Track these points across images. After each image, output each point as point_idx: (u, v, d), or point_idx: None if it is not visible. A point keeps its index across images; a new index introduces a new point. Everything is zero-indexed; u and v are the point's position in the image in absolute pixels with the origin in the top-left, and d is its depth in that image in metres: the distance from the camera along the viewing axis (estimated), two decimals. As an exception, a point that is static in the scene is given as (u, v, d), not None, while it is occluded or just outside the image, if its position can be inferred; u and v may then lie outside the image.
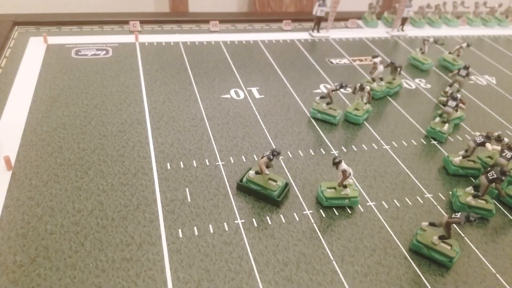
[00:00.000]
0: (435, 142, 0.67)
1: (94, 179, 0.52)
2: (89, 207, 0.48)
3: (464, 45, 0.88)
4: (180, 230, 0.47)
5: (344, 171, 0.50)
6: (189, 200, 0.51)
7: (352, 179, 0.55)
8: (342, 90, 0.68)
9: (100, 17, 0.91)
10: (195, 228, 0.47)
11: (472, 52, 1.01)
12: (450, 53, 0.91)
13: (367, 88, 0.68)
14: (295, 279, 0.43)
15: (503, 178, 0.51)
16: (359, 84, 0.68)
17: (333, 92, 0.67)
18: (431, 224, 0.48)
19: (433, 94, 0.80)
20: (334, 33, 1.00)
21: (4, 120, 0.60)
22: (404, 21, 1.03)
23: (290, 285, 0.42)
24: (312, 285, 0.43)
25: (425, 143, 0.67)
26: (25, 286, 0.39)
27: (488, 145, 0.58)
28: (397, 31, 1.04)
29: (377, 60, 0.75)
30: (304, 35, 0.98)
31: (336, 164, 0.50)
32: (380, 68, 0.75)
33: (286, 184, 0.53)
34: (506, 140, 0.59)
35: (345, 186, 0.52)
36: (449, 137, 0.69)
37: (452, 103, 0.66)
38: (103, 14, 0.93)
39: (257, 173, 0.52)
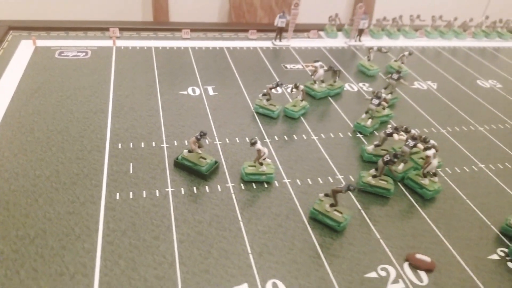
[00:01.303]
0: (360, 136, 0.77)
1: (56, 154, 0.63)
2: (47, 173, 0.59)
3: (407, 53, 0.99)
4: (118, 193, 0.57)
5: (258, 150, 0.61)
6: (131, 172, 0.61)
7: (269, 160, 0.65)
8: (278, 88, 0.79)
9: (85, 24, 1.04)
10: (131, 193, 0.58)
11: (422, 60, 1.11)
12: (395, 60, 1.01)
13: (301, 87, 0.78)
14: (204, 233, 0.53)
15: (395, 160, 0.61)
16: (294, 84, 0.79)
17: (271, 90, 0.78)
18: (326, 195, 0.58)
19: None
20: (294, 42, 1.11)
21: (-11, 106, 0.72)
22: (360, 32, 1.13)
23: (199, 237, 0.53)
24: (218, 238, 0.53)
25: (350, 136, 0.76)
26: None
27: (395, 135, 0.68)
28: (355, 41, 1.14)
29: (317, 64, 0.85)
30: (267, 44, 1.09)
31: (252, 144, 0.60)
32: (321, 71, 0.85)
33: (216, 162, 0.64)
34: (412, 131, 0.69)
35: (261, 164, 0.62)
36: (375, 131, 0.78)
37: (375, 101, 0.77)
38: (88, 21, 1.06)
39: (189, 151, 0.63)
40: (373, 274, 0.51)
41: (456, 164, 0.72)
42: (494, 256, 0.55)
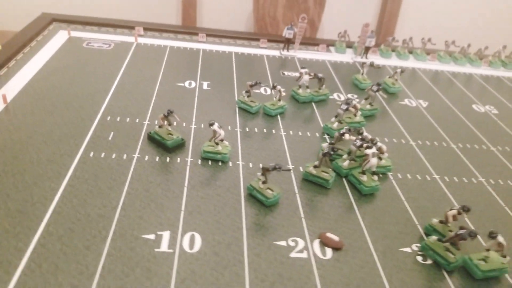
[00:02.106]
0: (327, 137, 0.84)
1: (55, 118, 0.76)
2: (43, 130, 0.72)
3: (399, 71, 1.04)
4: (93, 152, 0.69)
5: (214, 131, 0.70)
6: (110, 138, 0.73)
7: (227, 142, 0.74)
8: (257, 86, 0.88)
9: (116, 22, 1.19)
10: (103, 153, 0.69)
11: (423, 81, 1.14)
12: (389, 77, 1.07)
13: (279, 87, 0.87)
14: (150, 191, 0.63)
15: (332, 153, 0.68)
16: (272, 84, 0.87)
17: (251, 87, 0.87)
18: (262, 174, 0.66)
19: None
20: (302, 54, 1.19)
21: (16, 77, 0.87)
22: (367, 49, 1.20)
23: (145, 193, 0.63)
24: (160, 196, 0.62)
25: (318, 136, 0.84)
26: None
27: (346, 135, 0.74)
28: (361, 58, 1.21)
29: (303, 70, 0.93)
30: (275, 53, 1.19)
31: (210, 125, 0.70)
32: (305, 77, 0.93)
33: (182, 139, 0.74)
34: (365, 134, 0.75)
35: (217, 144, 0.71)
36: (343, 135, 0.85)
37: (344, 106, 0.83)
38: (118, 20, 1.21)
39: (160, 127, 0.74)
40: (282, 243, 0.58)
41: (410, 172, 0.77)
42: (407, 249, 0.60)
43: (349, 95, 1.01)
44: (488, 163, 0.83)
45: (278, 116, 0.88)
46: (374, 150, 0.69)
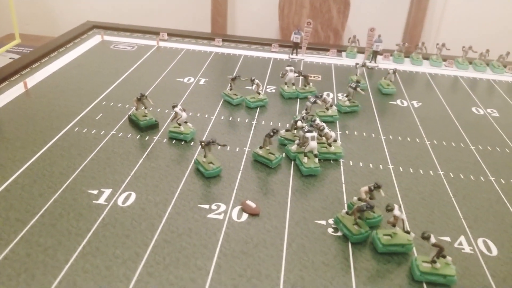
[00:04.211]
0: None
1: (62, 101, 0.91)
2: (47, 108, 0.87)
3: (391, 71, 1.06)
4: (77, 128, 0.82)
5: (176, 113, 0.80)
6: (97, 118, 0.86)
7: (191, 125, 0.83)
8: (237, 79, 0.96)
9: (146, 28, 1.35)
10: (86, 129, 0.82)
11: (427, 85, 1.14)
12: (384, 78, 1.09)
13: (256, 81, 0.94)
14: (110, 159, 0.74)
15: (272, 134, 0.74)
16: (250, 78, 0.95)
17: (232, 81, 0.96)
18: (202, 148, 0.73)
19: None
20: (310, 58, 1.25)
21: (44, 69, 1.06)
22: (375, 54, 1.22)
23: (105, 160, 0.74)
24: (118, 163, 0.73)
25: (287, 126, 0.89)
26: None
27: (299, 122, 0.80)
28: (369, 62, 1.23)
29: (288, 68, 1.00)
30: (284, 56, 1.26)
31: (172, 107, 0.80)
32: (290, 74, 1.00)
33: (155, 121, 0.85)
34: (317, 122, 0.80)
35: (179, 124, 0.81)
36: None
37: (312, 99, 0.89)
38: (148, 27, 1.37)
39: (136, 109, 0.85)
40: (205, 206, 0.65)
41: (365, 161, 0.80)
42: (322, 222, 0.64)
43: (339, 94, 1.05)
44: (455, 159, 0.82)
45: (258, 108, 0.96)
46: (313, 134, 0.73)
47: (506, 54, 1.24)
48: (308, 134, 0.73)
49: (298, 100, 1.01)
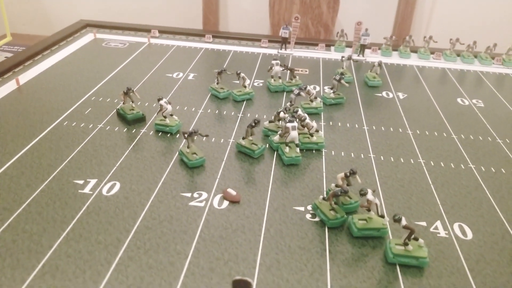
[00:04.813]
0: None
1: (54, 97, 0.94)
2: (44, 98, 0.90)
3: (377, 63, 1.07)
4: (67, 121, 0.85)
5: (161, 105, 0.82)
6: (86, 113, 0.88)
7: (176, 117, 0.85)
8: (223, 73, 0.98)
9: (138, 26, 1.37)
10: (75, 122, 0.84)
11: (414, 78, 1.16)
12: (370, 71, 1.10)
13: (242, 74, 0.96)
14: (97, 151, 0.76)
15: (253, 124, 0.76)
16: (235, 71, 0.97)
17: (218, 75, 0.97)
18: (185, 139, 0.75)
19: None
20: (299, 53, 1.27)
21: (36, 66, 1.08)
22: (363, 48, 1.24)
23: (92, 152, 0.76)
24: (104, 155, 0.75)
25: (271, 118, 0.91)
26: None
27: (281, 113, 0.82)
28: (357, 56, 1.25)
29: (274, 62, 1.02)
30: (274, 52, 1.28)
31: (158, 100, 0.82)
32: (276, 68, 1.02)
33: (142, 115, 0.87)
34: (300, 113, 0.81)
35: (165, 117, 0.83)
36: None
37: (296, 91, 0.90)
38: (140, 24, 1.39)
39: (123, 103, 0.87)
40: (187, 194, 0.67)
41: (347, 151, 0.81)
42: (300, 208, 0.66)
43: (326, 87, 1.07)
44: (437, 148, 0.84)
45: (245, 102, 0.97)
46: (294, 124, 0.75)
47: (493, 46, 1.25)
48: (289, 124, 0.75)
49: (285, 93, 1.03)
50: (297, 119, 0.79)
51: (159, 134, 0.83)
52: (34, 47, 1.16)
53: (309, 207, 0.66)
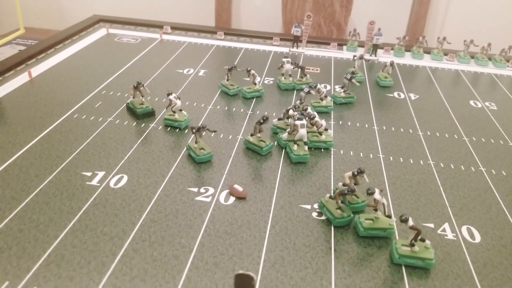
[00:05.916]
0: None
1: (60, 88, 0.94)
2: (46, 89, 0.90)
3: (389, 63, 1.07)
4: (77, 114, 0.85)
5: (170, 100, 0.82)
6: (96, 106, 0.89)
7: (185, 112, 0.85)
8: (233, 70, 0.97)
9: (151, 22, 1.38)
10: (85, 115, 0.85)
11: (427, 79, 1.14)
12: (382, 71, 1.09)
13: (252, 71, 0.96)
14: (106, 144, 0.77)
15: (262, 121, 0.75)
16: (246, 68, 0.97)
17: (228, 71, 0.97)
18: (193, 134, 0.75)
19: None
20: (310, 51, 1.26)
21: (49, 60, 1.09)
22: (375, 47, 1.23)
23: (101, 145, 0.76)
24: (113, 148, 0.76)
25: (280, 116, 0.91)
26: None
27: (290, 111, 0.81)
28: (369, 55, 1.24)
29: (284, 60, 1.01)
30: (285, 50, 1.28)
31: (167, 95, 0.82)
32: (287, 66, 1.01)
33: (152, 109, 0.87)
34: (309, 111, 0.81)
35: (174, 112, 0.83)
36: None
37: (306, 89, 0.90)
38: (155, 21, 1.40)
39: (133, 98, 0.88)
40: (194, 189, 0.67)
41: (355, 150, 0.81)
42: (307, 206, 0.66)
43: (337, 86, 1.06)
44: (447, 150, 0.83)
45: (254, 99, 0.97)
46: (303, 121, 0.75)
47: (508, 48, 1.23)
48: (298, 122, 0.75)
49: (295, 91, 1.03)
50: (306, 117, 0.78)
51: (168, 129, 0.83)
52: (47, 40, 1.17)
53: (316, 205, 0.66)
